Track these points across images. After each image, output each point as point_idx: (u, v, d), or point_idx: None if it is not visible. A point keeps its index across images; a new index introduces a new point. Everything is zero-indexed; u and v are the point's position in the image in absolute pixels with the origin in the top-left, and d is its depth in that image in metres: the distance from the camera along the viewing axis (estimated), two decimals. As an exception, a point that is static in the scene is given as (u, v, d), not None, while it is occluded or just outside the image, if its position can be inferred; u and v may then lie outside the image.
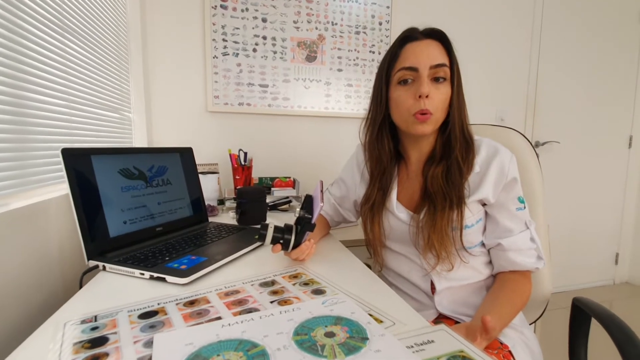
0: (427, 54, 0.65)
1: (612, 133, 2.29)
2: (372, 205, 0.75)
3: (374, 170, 0.76)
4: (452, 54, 0.67)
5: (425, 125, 0.66)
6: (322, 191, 0.63)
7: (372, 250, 0.80)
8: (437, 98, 0.65)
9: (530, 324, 0.83)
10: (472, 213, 0.67)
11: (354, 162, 0.85)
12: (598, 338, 0.75)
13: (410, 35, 0.68)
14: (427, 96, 0.64)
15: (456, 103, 0.67)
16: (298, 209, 0.68)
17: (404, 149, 0.76)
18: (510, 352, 0.64)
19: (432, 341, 0.39)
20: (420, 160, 0.74)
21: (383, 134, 0.74)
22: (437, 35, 0.67)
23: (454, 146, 0.68)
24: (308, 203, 0.66)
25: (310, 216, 0.63)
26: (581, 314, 0.69)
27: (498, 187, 0.66)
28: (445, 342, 0.39)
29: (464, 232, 0.67)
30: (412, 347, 0.38)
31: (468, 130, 0.70)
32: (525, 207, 0.68)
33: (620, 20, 2.19)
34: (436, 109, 0.65)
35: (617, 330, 0.56)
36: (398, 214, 0.72)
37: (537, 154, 0.82)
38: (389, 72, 0.70)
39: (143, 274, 0.58)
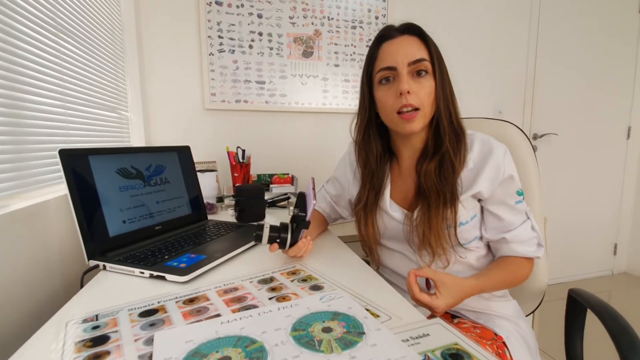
0: (404, 52, 0.64)
1: (610, 124, 2.29)
2: (365, 206, 0.74)
3: (364, 171, 0.76)
4: (430, 47, 0.65)
5: (414, 122, 0.65)
6: (314, 189, 0.63)
7: (367, 249, 0.80)
8: (420, 92, 0.64)
9: (527, 316, 0.83)
10: (466, 210, 0.67)
11: (347, 160, 0.84)
12: (594, 330, 0.76)
13: (385, 35, 0.67)
14: (408, 92, 0.63)
15: (441, 94, 0.66)
16: (292, 207, 0.68)
17: (395, 147, 0.75)
18: (504, 343, 0.65)
19: (428, 334, 0.40)
20: (412, 157, 0.73)
21: (370, 136, 0.74)
22: (413, 30, 0.66)
23: (444, 138, 0.67)
24: (301, 201, 0.66)
25: (304, 214, 0.64)
26: (577, 305, 0.70)
27: (494, 183, 0.66)
28: (440, 335, 0.40)
29: (459, 229, 0.67)
30: (408, 340, 0.39)
31: (458, 122, 0.68)
32: (523, 199, 0.69)
33: (619, 11, 2.17)
34: (422, 104, 0.64)
35: (611, 320, 0.57)
36: (392, 212, 0.72)
37: (533, 148, 0.83)
38: (370, 74, 0.70)
39: (143, 273, 0.59)
